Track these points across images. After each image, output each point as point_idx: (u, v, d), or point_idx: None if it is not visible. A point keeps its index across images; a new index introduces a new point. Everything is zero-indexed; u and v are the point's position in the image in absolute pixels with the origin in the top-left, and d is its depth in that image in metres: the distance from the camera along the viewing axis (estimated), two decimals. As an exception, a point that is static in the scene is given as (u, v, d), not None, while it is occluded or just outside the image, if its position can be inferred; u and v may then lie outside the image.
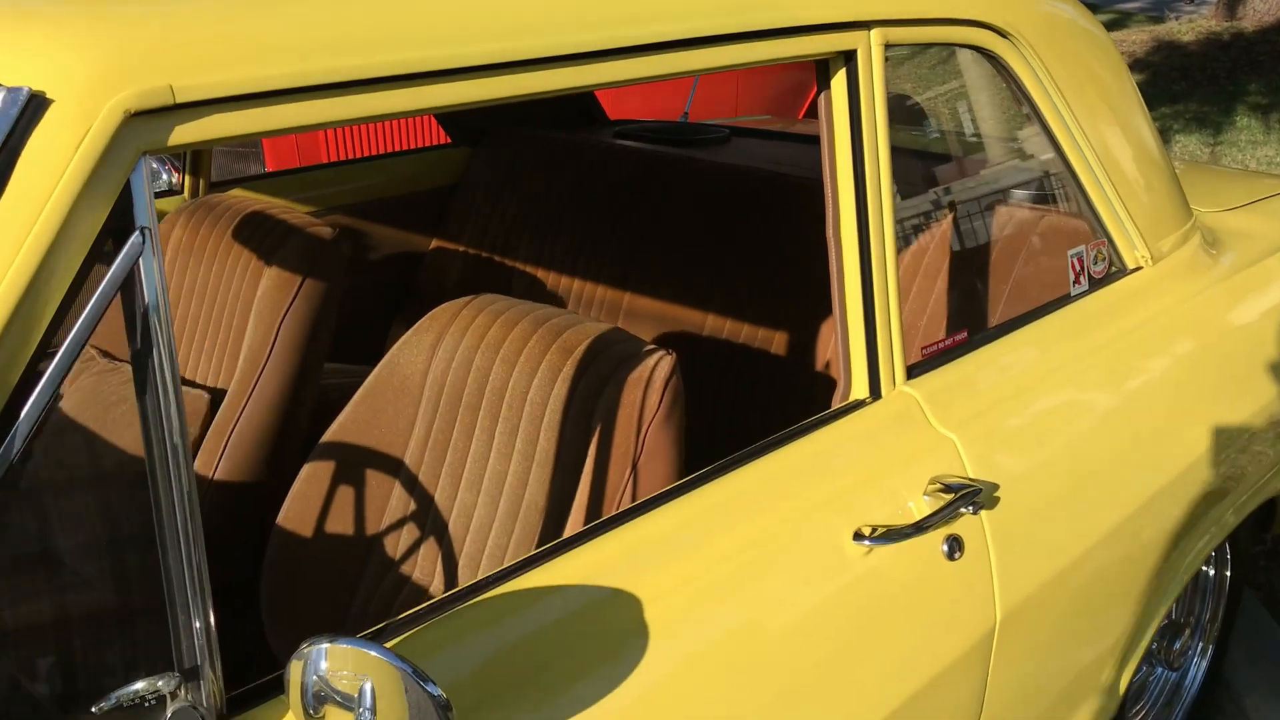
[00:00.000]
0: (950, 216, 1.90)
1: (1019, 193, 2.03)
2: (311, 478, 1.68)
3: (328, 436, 1.70)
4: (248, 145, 4.33)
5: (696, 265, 2.36)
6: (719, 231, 2.36)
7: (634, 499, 1.44)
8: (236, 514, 1.89)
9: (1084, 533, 1.57)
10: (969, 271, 1.86)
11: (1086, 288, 1.83)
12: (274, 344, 1.90)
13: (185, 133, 0.90)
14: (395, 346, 1.71)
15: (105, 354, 2.15)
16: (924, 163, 1.96)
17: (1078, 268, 1.84)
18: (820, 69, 1.44)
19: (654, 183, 2.53)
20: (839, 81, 1.42)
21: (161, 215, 2.23)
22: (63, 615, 1.19)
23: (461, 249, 2.77)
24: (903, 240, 1.68)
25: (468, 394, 1.63)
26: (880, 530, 1.30)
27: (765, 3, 1.31)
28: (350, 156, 4.41)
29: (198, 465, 1.88)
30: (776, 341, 2.23)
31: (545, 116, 2.92)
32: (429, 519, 1.64)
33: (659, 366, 1.47)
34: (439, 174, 2.88)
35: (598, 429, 1.48)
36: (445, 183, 2.88)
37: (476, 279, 2.73)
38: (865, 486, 1.36)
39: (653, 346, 1.50)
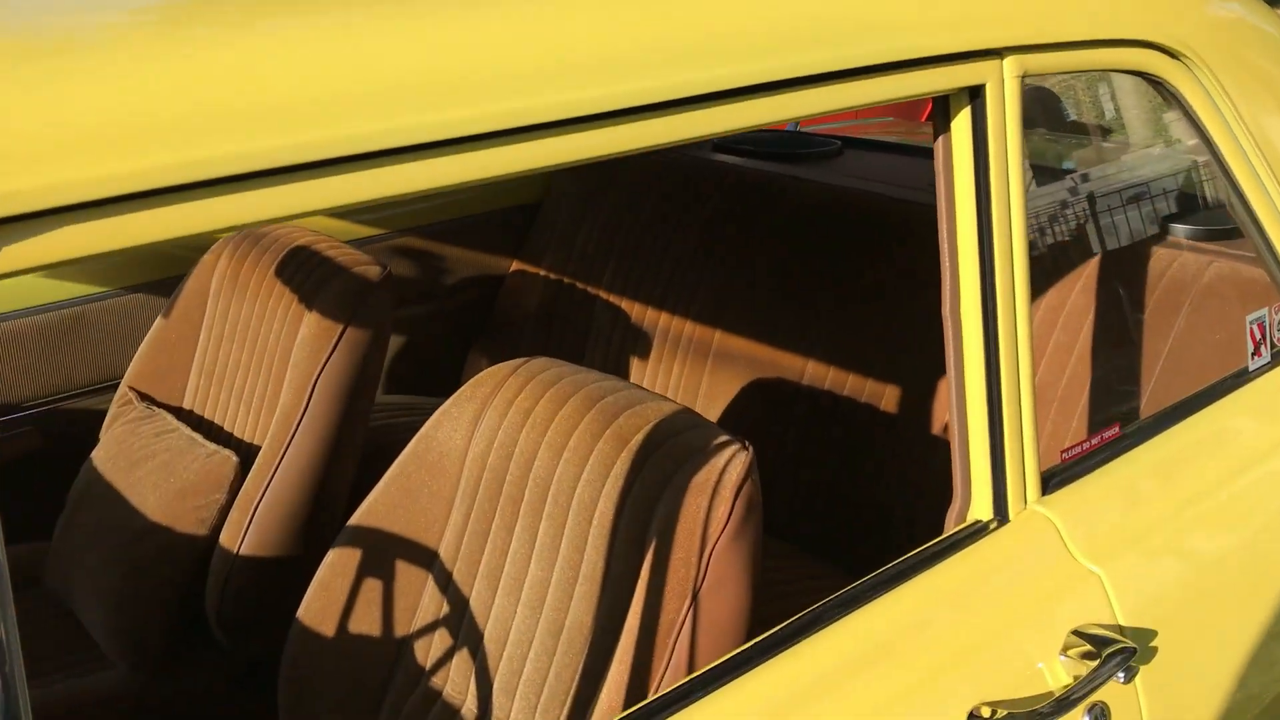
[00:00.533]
0: (1093, 269, 1.58)
1: (1180, 228, 1.69)
2: (336, 565, 1.47)
3: (356, 519, 1.48)
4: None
5: (799, 302, 2.07)
6: (826, 264, 2.07)
7: (694, 634, 1.18)
8: (263, 592, 1.70)
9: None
10: (1118, 341, 1.54)
11: (1268, 360, 1.50)
12: (309, 400, 1.69)
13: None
14: (434, 417, 1.48)
15: (143, 396, 1.98)
16: (1060, 200, 1.64)
17: (1258, 336, 1.50)
18: (938, 106, 1.15)
19: (754, 205, 2.25)
20: (961, 124, 1.13)
21: (208, 245, 2.05)
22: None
23: (543, 273, 2.54)
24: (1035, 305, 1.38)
25: (509, 482, 1.39)
26: (1004, 712, 1.01)
27: (868, 31, 1.02)
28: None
29: (223, 538, 1.68)
30: (887, 397, 1.93)
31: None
32: (463, 624, 1.40)
33: (730, 467, 1.20)
34: (521, 191, 2.64)
35: (653, 543, 1.22)
36: (528, 200, 2.65)
37: (556, 307, 2.49)
38: (986, 647, 1.07)
39: (724, 439, 1.24)
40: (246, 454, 1.78)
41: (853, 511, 1.91)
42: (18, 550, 1.96)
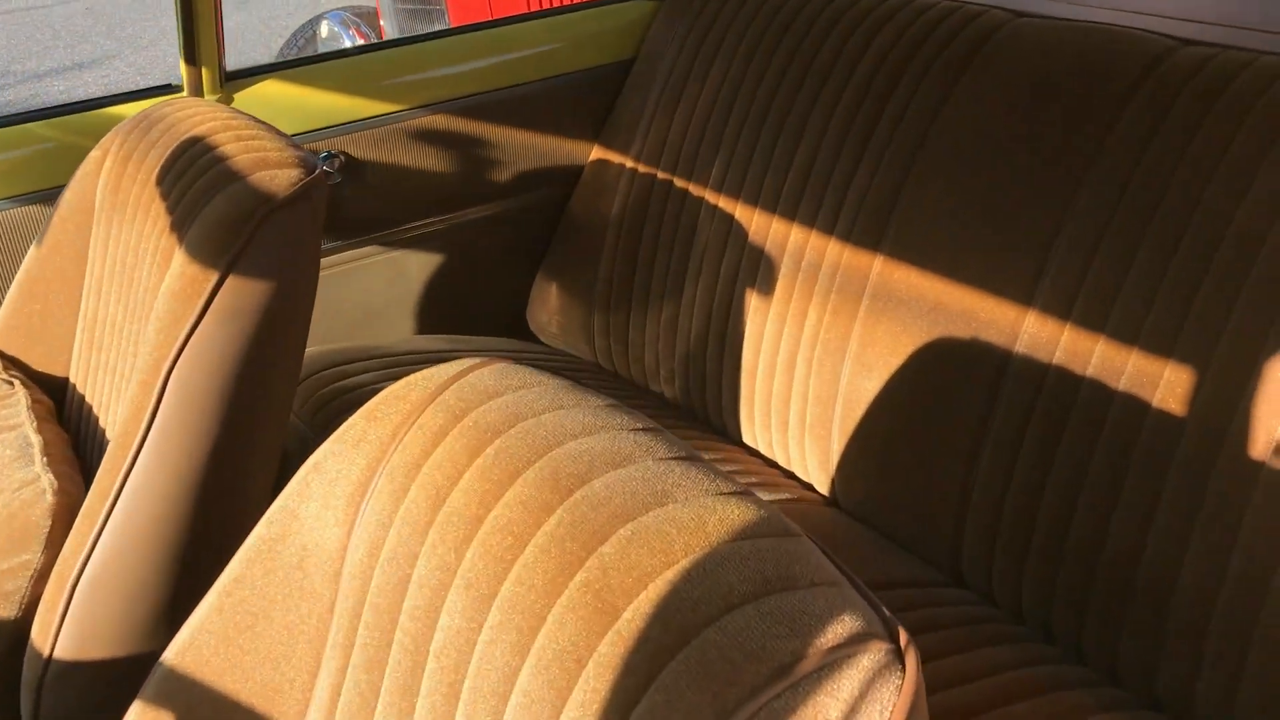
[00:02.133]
0: None
1: None
2: (142, 735, 0.79)
3: (171, 653, 0.79)
4: (429, 1, 3.44)
5: (1020, 211, 1.25)
6: (1059, 151, 1.23)
7: None
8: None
9: None
10: None
11: None
12: (158, 401, 0.99)
13: None
14: (298, 479, 0.76)
15: (10, 363, 1.33)
16: None
17: None
18: None
19: (942, 60, 1.41)
20: None
21: (99, 136, 1.37)
22: None
23: (630, 164, 1.77)
24: None
25: (409, 630, 0.67)
26: None
27: None
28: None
29: (35, 627, 1.02)
30: (1211, 403, 1.09)
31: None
32: None
33: (878, 688, 0.45)
34: (606, 47, 1.86)
35: None
36: (615, 59, 1.87)
37: (646, 212, 1.72)
38: None
39: (859, 626, 0.48)
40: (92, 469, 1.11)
41: (1119, 594, 1.11)
42: None
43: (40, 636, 1.01)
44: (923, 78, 1.41)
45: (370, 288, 1.81)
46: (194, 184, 1.09)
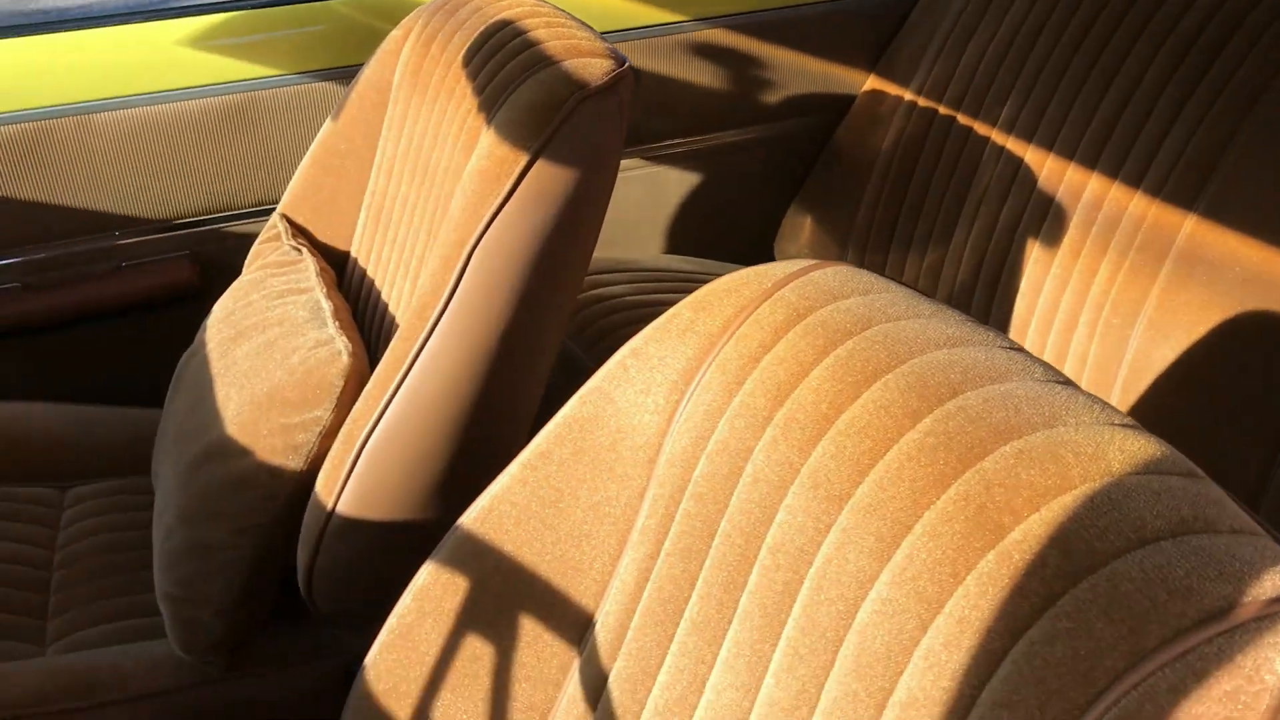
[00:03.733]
0: None
1: None
2: (440, 580, 0.80)
3: (478, 510, 0.80)
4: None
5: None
6: None
7: None
8: (369, 573, 1.07)
9: None
10: None
11: None
12: (461, 274, 1.00)
13: None
14: (613, 364, 0.75)
15: (297, 231, 1.38)
16: None
17: None
18: None
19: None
20: None
21: (400, 16, 1.39)
22: None
23: (908, 98, 1.70)
24: None
25: (738, 514, 0.65)
26: None
27: None
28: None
29: (320, 479, 1.06)
30: None
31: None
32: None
33: None
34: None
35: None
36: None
37: (924, 151, 1.65)
38: None
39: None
40: (379, 347, 1.14)
41: None
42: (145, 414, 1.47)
43: (325, 491, 1.04)
44: (1262, 32, 1.29)
45: (625, 200, 1.80)
46: (504, 67, 1.09)
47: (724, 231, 1.91)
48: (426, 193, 1.18)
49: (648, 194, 1.81)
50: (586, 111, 1.02)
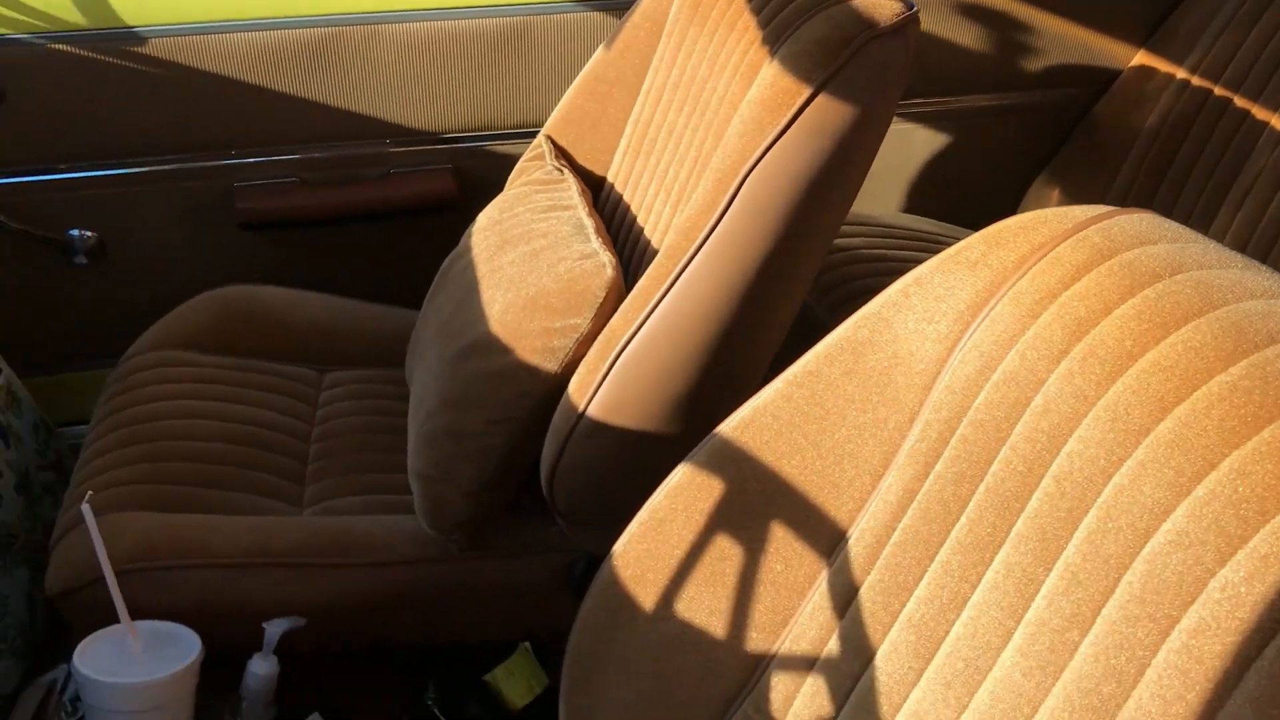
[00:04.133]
0: None
1: None
2: (696, 481, 0.84)
3: (743, 415, 0.83)
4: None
5: None
6: None
7: None
8: (611, 477, 1.12)
9: None
10: None
11: None
12: (732, 198, 1.03)
13: None
14: (898, 287, 0.77)
15: (559, 152, 1.44)
16: None
17: None
18: None
19: None
20: None
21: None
22: None
23: (1181, 76, 1.63)
24: None
25: (1019, 445, 0.66)
26: None
27: None
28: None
29: (574, 382, 1.11)
30: None
31: None
32: (898, 643, 0.73)
33: None
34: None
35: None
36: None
37: (1188, 131, 1.59)
38: None
39: None
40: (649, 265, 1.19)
41: None
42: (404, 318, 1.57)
43: (576, 394, 1.10)
44: None
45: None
46: (792, 1, 1.11)
47: (963, 197, 1.88)
48: (697, 121, 1.22)
49: (893, 150, 1.81)
50: (873, 51, 1.03)
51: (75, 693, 1.36)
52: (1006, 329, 0.69)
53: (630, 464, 1.11)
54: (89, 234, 1.61)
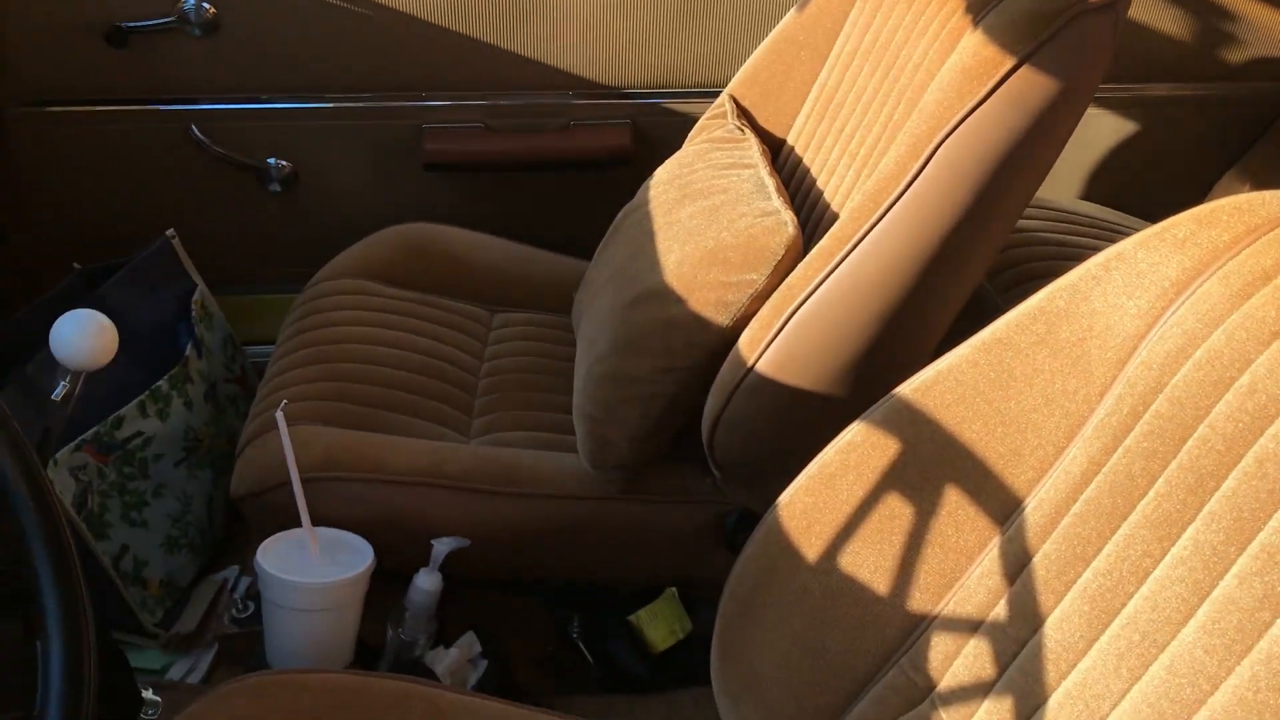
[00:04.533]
0: None
1: None
2: (870, 439, 0.85)
3: (921, 380, 0.84)
4: None
5: None
6: None
7: None
8: (772, 434, 1.14)
9: None
10: None
11: None
12: (922, 167, 1.03)
13: None
14: (1096, 263, 0.77)
15: (741, 112, 1.46)
16: None
17: None
18: None
19: None
20: None
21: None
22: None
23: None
24: None
25: (1218, 427, 0.66)
26: None
27: None
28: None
29: (744, 337, 1.13)
30: None
31: None
32: (1065, 614, 0.73)
33: None
34: None
35: None
36: None
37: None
38: None
39: None
40: (826, 228, 1.20)
41: None
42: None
43: (746, 349, 1.12)
44: None
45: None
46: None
47: (1145, 188, 1.83)
48: (889, 88, 1.22)
49: (1078, 134, 1.76)
50: (1080, 26, 1.02)
51: (245, 590, 1.45)
52: (1214, 308, 0.68)
53: (791, 422, 1.12)
54: (284, 164, 1.69)
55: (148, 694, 1.22)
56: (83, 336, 0.91)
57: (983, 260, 1.10)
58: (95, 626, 0.76)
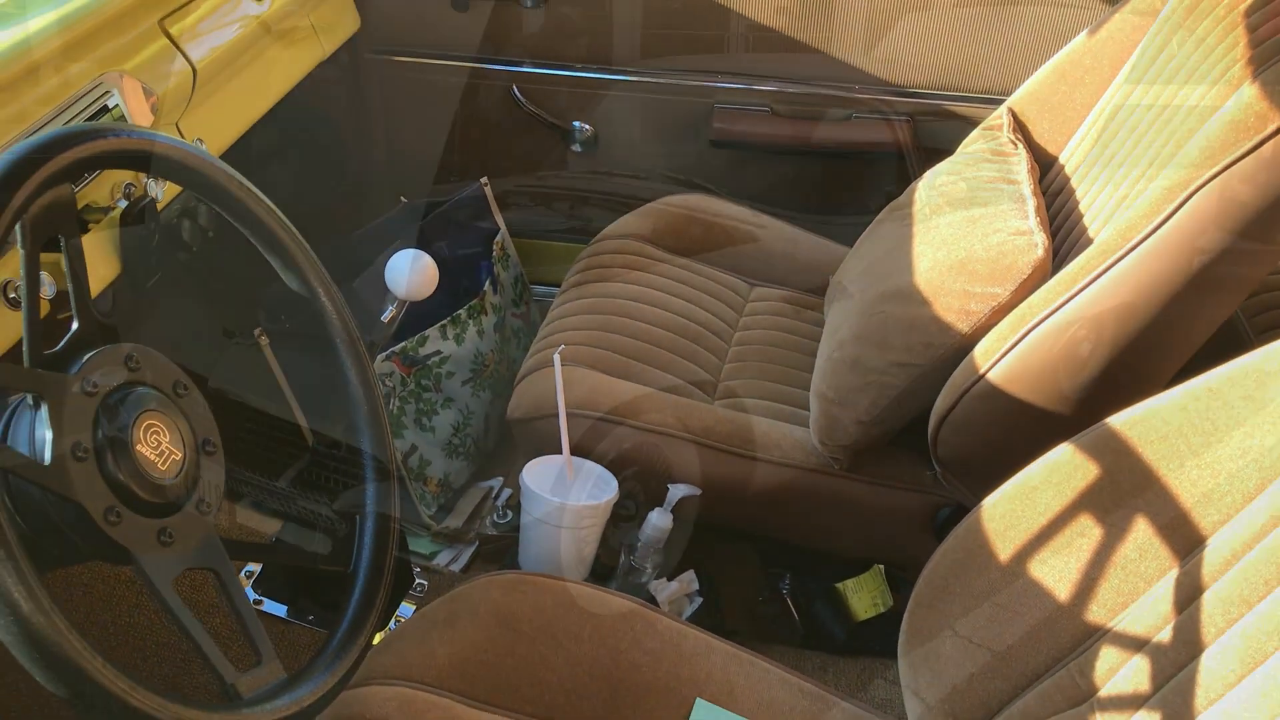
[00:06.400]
0: None
1: None
2: (1057, 470, 0.93)
3: (1121, 422, 0.92)
4: None
5: None
6: None
7: None
8: (992, 441, 1.22)
9: None
10: None
11: None
12: (1185, 200, 1.08)
13: None
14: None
15: (1018, 124, 1.51)
16: None
17: None
18: None
19: None
20: None
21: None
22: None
23: None
24: None
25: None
26: None
27: None
28: None
29: (980, 346, 1.21)
30: None
31: None
32: (1223, 648, 0.80)
33: None
34: None
35: None
36: None
37: None
38: None
39: None
40: (1080, 252, 1.25)
41: None
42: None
43: (982, 356, 1.20)
44: None
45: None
46: (1292, 25, 1.11)
47: None
48: (1161, 125, 1.25)
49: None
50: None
51: (506, 500, 1.66)
52: None
53: (1012, 430, 1.20)
54: (587, 127, 1.87)
55: (416, 573, 1.44)
56: (414, 273, 1.10)
57: (1225, 307, 1.13)
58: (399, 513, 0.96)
